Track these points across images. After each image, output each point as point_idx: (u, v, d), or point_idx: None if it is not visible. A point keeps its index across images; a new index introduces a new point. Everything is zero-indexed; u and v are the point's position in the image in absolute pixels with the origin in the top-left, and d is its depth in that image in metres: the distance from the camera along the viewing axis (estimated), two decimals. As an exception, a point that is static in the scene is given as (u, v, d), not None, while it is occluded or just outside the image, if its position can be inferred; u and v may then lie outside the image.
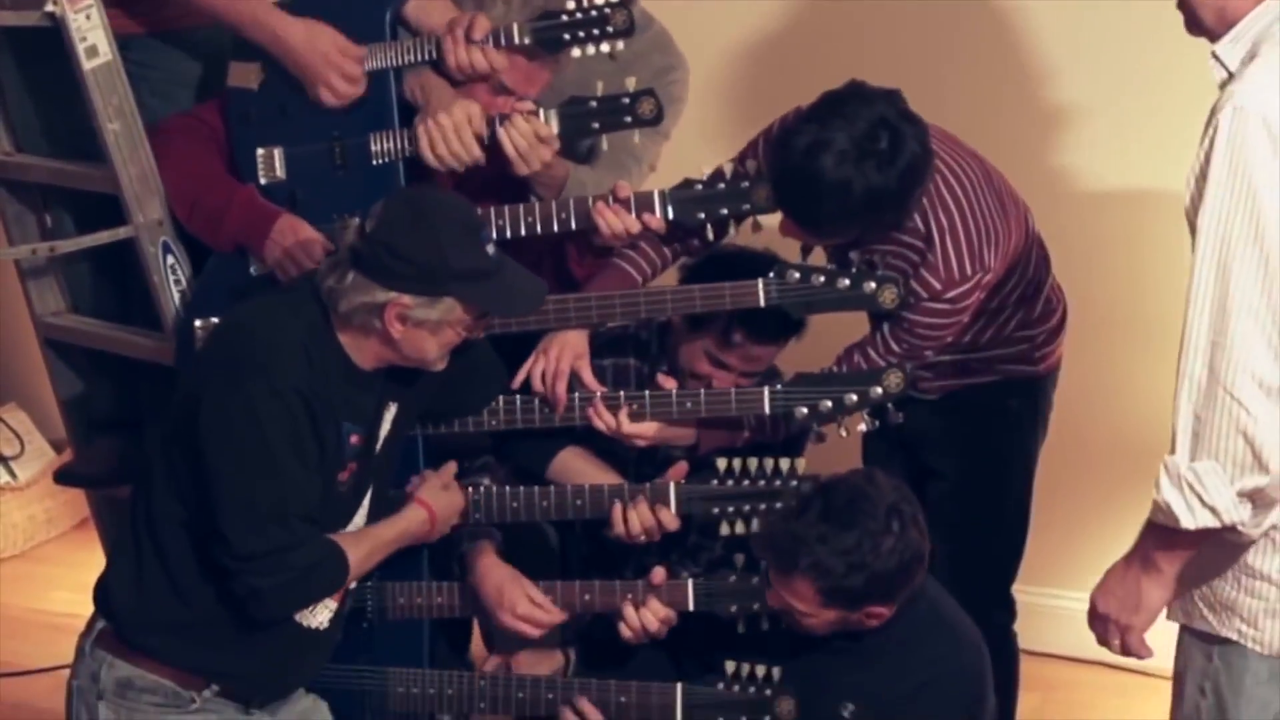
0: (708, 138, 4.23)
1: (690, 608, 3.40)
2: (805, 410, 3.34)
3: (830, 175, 3.24)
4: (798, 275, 3.33)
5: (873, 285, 3.31)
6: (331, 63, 3.45)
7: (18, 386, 5.74)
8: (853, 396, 3.33)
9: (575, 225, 3.42)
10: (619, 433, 3.44)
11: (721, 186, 3.38)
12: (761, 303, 3.35)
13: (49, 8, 3.57)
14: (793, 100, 3.47)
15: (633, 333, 3.63)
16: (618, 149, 3.58)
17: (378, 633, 3.53)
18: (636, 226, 3.40)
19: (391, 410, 3.26)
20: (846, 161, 3.23)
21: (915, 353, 3.44)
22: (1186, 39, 2.90)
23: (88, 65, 3.59)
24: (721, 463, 3.36)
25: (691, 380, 3.51)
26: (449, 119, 3.39)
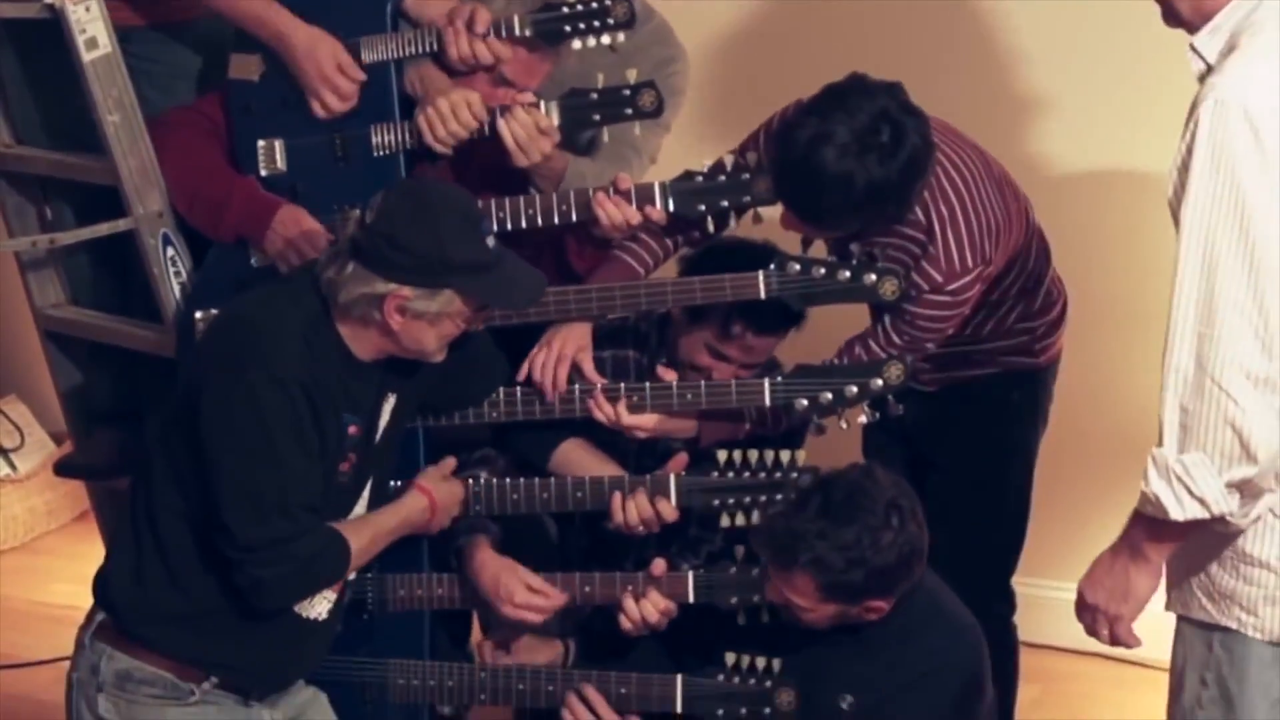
0: (708, 130, 4.23)
1: (690, 599, 3.39)
2: (805, 402, 3.34)
3: (832, 168, 3.23)
4: (798, 267, 3.33)
5: (873, 277, 3.31)
6: (326, 78, 3.46)
7: (18, 378, 5.74)
8: (853, 388, 3.33)
9: (575, 217, 3.42)
10: (618, 424, 3.44)
11: (722, 178, 3.38)
12: (762, 294, 3.34)
13: (49, 0, 3.58)
14: (792, 93, 3.47)
15: (632, 325, 3.63)
16: (618, 141, 3.58)
17: (378, 624, 3.53)
18: (637, 218, 3.40)
19: (391, 401, 3.26)
20: (848, 155, 3.23)
21: (916, 345, 3.44)
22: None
23: (87, 57, 3.59)
24: (721, 454, 3.36)
25: (691, 372, 3.50)
26: (446, 102, 3.40)
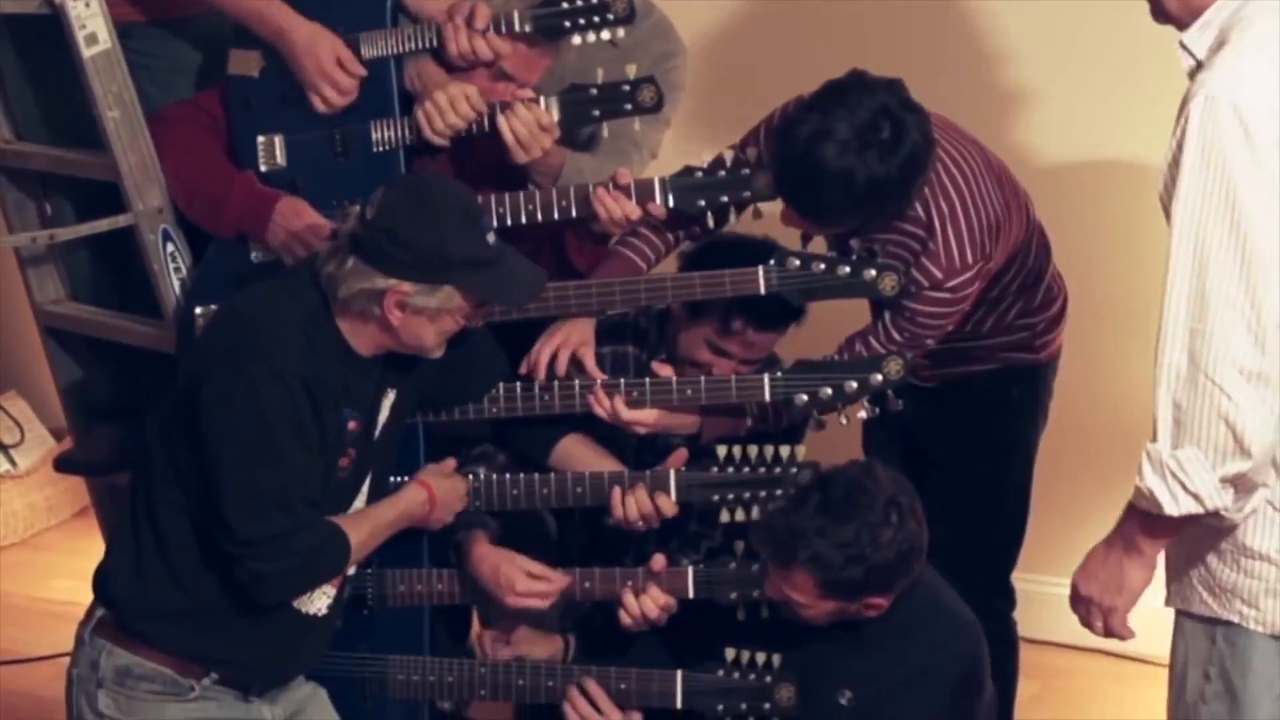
0: (708, 126, 4.22)
1: (690, 595, 3.39)
2: (805, 397, 3.34)
3: (832, 165, 3.23)
4: (798, 262, 3.33)
5: (873, 272, 3.31)
6: (326, 73, 3.46)
7: (17, 374, 5.74)
8: (853, 384, 3.32)
9: (576, 212, 3.42)
10: (618, 419, 3.43)
11: (722, 174, 3.38)
12: (762, 290, 3.34)
13: (49, -6, 3.59)
14: (792, 89, 3.47)
15: (632, 320, 3.63)
16: (619, 136, 3.58)
17: (378, 620, 3.53)
18: (637, 213, 3.40)
19: (390, 397, 3.25)
20: (849, 151, 3.23)
21: (917, 341, 3.44)
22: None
23: (87, 53, 3.59)
24: (721, 450, 3.36)
25: (691, 368, 3.50)
26: (444, 95, 3.40)
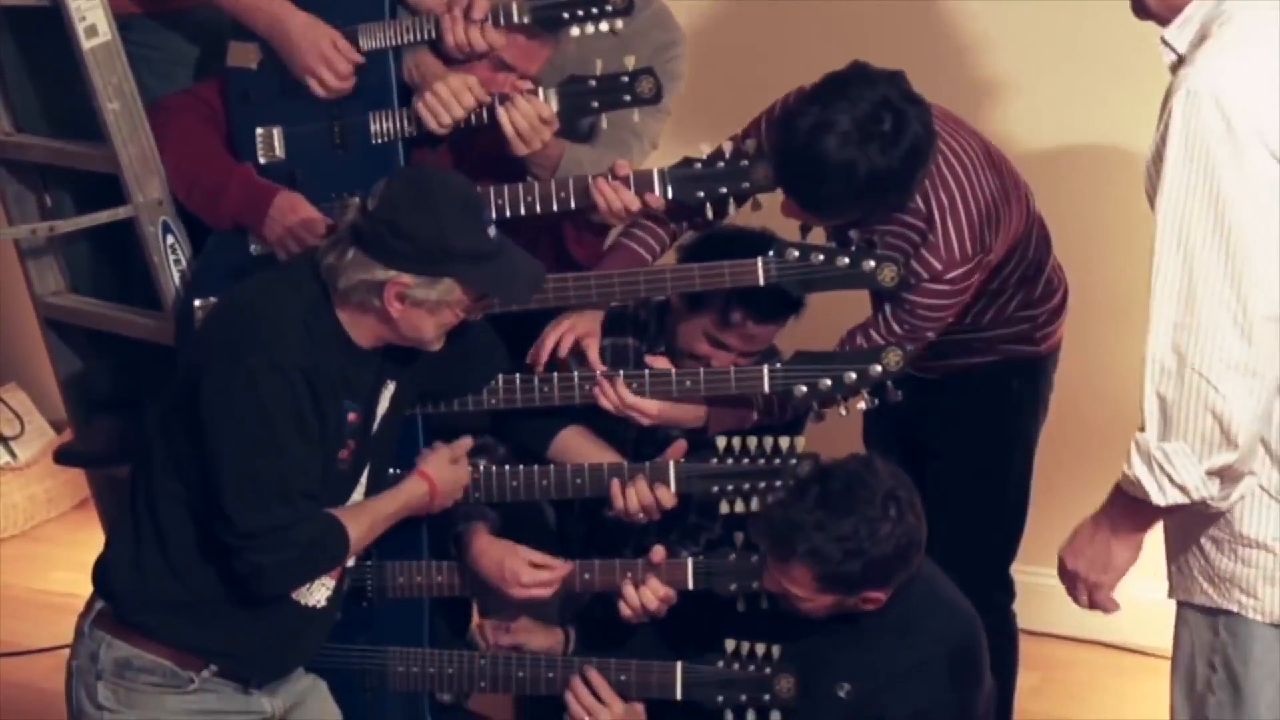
0: (708, 116, 4.22)
1: (690, 586, 3.39)
2: (805, 388, 3.34)
3: (833, 157, 3.23)
4: (797, 254, 3.32)
5: (872, 264, 3.30)
6: (324, 56, 3.45)
7: (17, 366, 5.74)
8: (852, 375, 3.32)
9: (575, 204, 3.42)
10: (622, 405, 3.43)
11: (721, 165, 3.38)
12: (761, 281, 3.34)
13: (49, -14, 3.58)
14: (790, 80, 3.47)
15: (631, 313, 3.62)
16: (618, 126, 3.57)
17: (377, 612, 3.53)
18: (635, 204, 3.40)
19: (390, 388, 3.26)
20: (850, 143, 3.23)
21: (917, 333, 3.43)
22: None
23: (87, 45, 3.59)
24: (721, 441, 3.36)
25: (690, 360, 3.50)
26: (446, 87, 3.39)
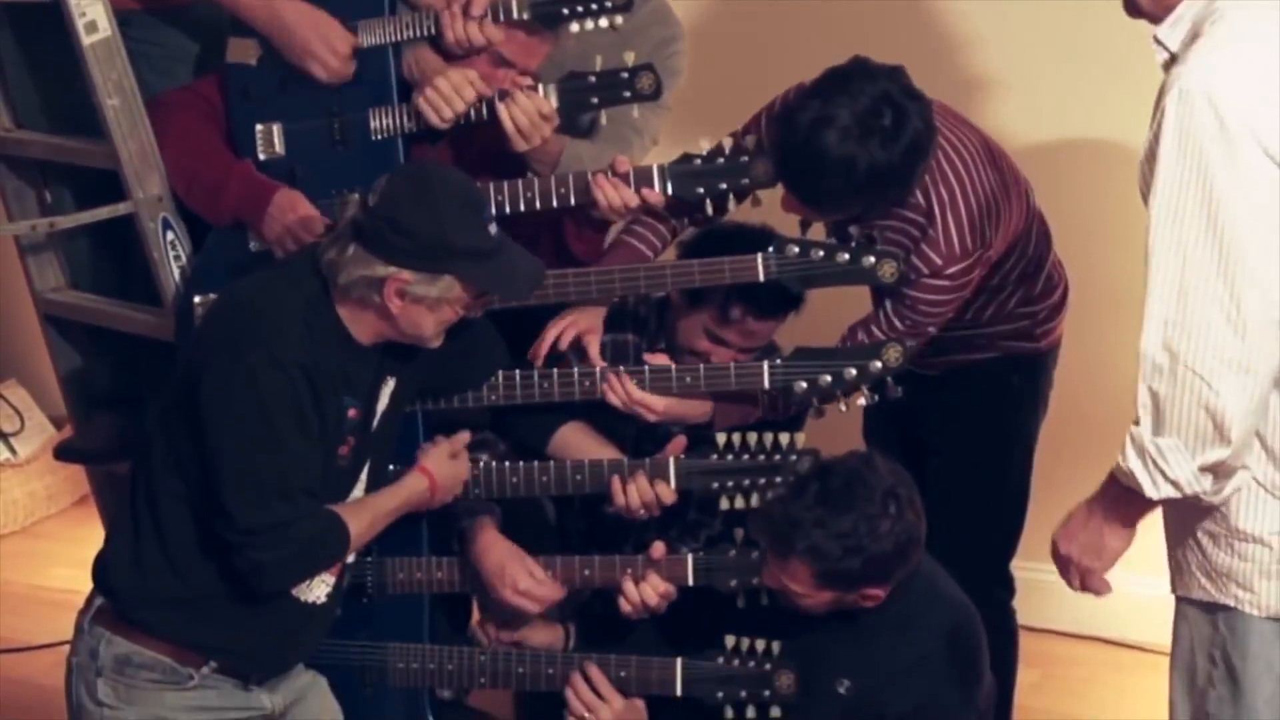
0: (709, 112, 4.22)
1: (690, 582, 3.39)
2: (804, 384, 3.34)
3: (834, 151, 3.23)
4: (796, 250, 3.32)
5: (872, 259, 3.30)
6: (324, 37, 3.45)
7: (17, 363, 5.74)
8: (852, 371, 3.32)
9: (575, 200, 3.42)
10: (630, 401, 3.42)
11: (721, 161, 3.38)
12: (761, 277, 3.34)
13: (49, -16, 3.58)
14: (790, 75, 3.47)
15: (631, 309, 3.62)
16: (618, 122, 3.58)
17: (377, 608, 3.53)
18: (635, 201, 3.39)
19: (390, 385, 3.25)
20: (850, 138, 3.23)
21: (919, 329, 3.43)
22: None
23: (87, 41, 3.58)
24: (721, 438, 3.36)
25: (691, 357, 3.50)
26: (447, 82, 3.39)
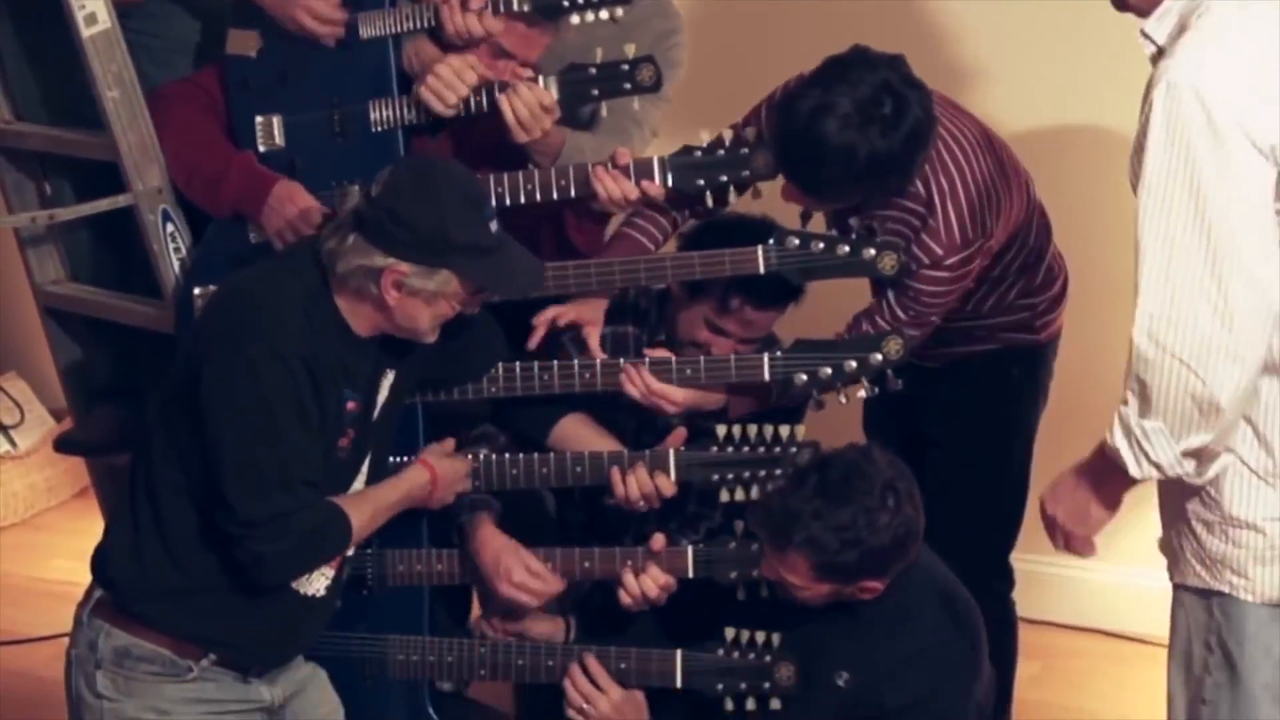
0: (709, 104, 4.22)
1: (690, 574, 3.39)
2: (805, 377, 3.34)
3: (834, 140, 3.23)
4: (797, 241, 3.32)
5: (872, 251, 3.30)
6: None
7: (17, 355, 5.74)
8: (852, 363, 3.32)
9: (575, 192, 3.41)
10: (649, 393, 3.41)
11: (721, 153, 3.37)
12: (761, 269, 3.33)
13: (48, -25, 3.58)
14: (789, 68, 3.46)
15: (632, 301, 3.62)
16: (619, 114, 3.58)
17: (377, 600, 3.53)
18: (635, 193, 3.39)
19: (389, 377, 3.25)
20: (850, 126, 3.23)
21: (922, 320, 3.43)
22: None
23: (87, 33, 3.58)
24: (720, 429, 3.36)
25: (691, 348, 3.50)
26: (448, 68, 3.38)
